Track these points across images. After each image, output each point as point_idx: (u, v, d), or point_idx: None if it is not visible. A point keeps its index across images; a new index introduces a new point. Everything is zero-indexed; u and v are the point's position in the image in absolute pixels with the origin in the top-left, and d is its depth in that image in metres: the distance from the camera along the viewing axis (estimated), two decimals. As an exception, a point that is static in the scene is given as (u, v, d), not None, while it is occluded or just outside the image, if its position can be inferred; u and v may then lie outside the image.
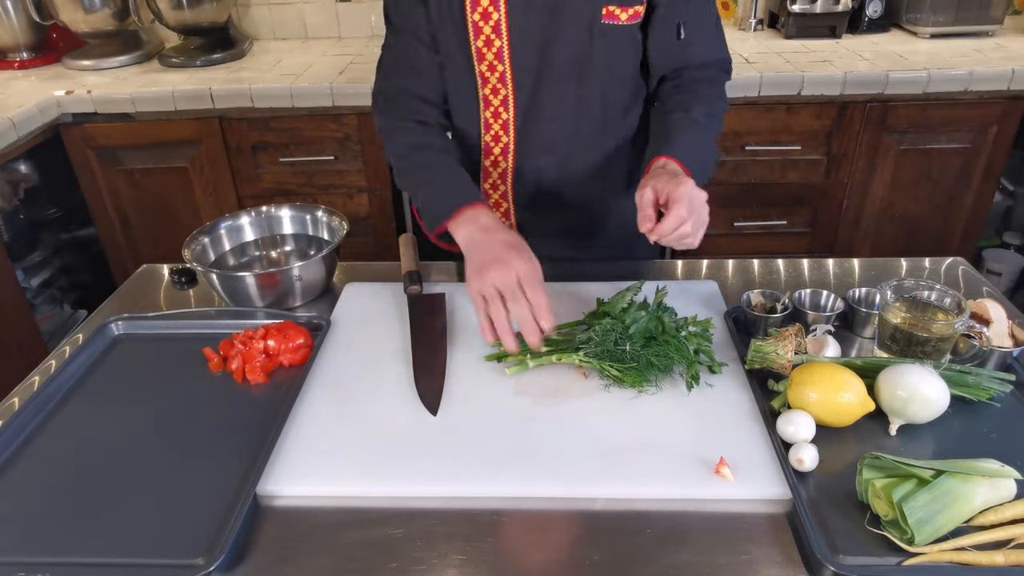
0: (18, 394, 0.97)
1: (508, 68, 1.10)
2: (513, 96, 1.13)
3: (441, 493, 0.79)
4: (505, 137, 1.18)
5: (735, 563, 0.70)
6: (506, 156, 1.20)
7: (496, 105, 1.15)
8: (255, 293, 1.09)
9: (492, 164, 1.22)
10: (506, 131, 1.17)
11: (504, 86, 1.12)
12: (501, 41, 1.08)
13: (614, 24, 1.07)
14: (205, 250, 1.18)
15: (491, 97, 1.15)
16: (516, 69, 1.11)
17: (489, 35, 1.08)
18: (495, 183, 1.24)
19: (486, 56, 1.10)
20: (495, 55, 1.10)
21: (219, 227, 1.22)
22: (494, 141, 1.19)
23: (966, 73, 1.98)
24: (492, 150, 1.20)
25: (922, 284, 0.97)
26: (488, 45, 1.09)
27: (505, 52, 1.09)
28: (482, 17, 1.07)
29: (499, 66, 1.10)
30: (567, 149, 1.19)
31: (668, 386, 0.93)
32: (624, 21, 1.07)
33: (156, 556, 0.72)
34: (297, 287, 1.11)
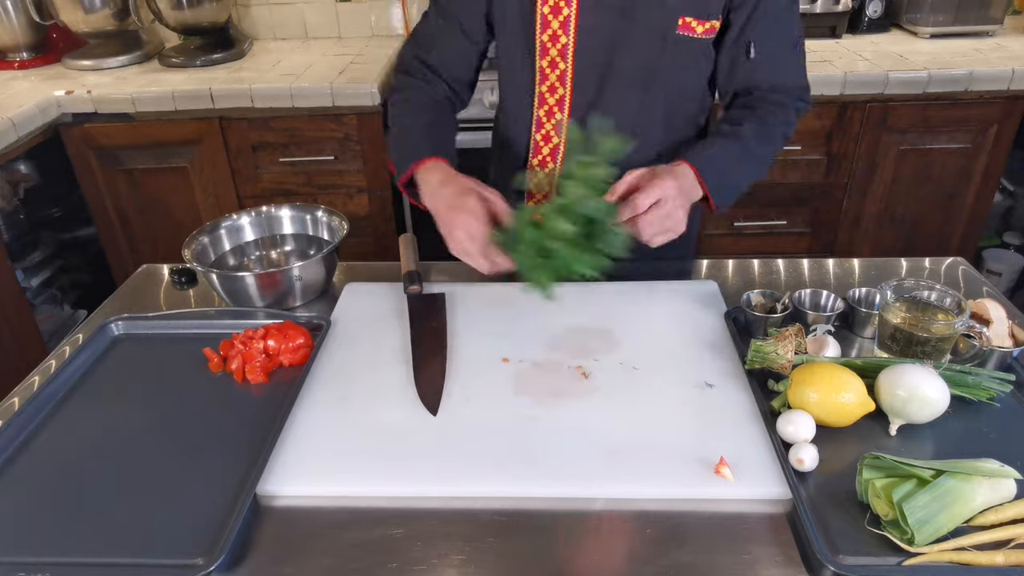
0: (18, 394, 0.97)
1: (570, 67, 1.08)
2: (571, 96, 1.11)
3: (441, 493, 0.79)
4: (556, 138, 1.15)
5: (735, 563, 0.70)
6: (555, 157, 1.17)
7: (551, 104, 1.13)
8: (255, 293, 1.09)
9: (540, 164, 1.20)
10: (558, 132, 1.15)
11: (563, 85, 1.11)
12: (568, 38, 1.06)
13: (689, 36, 1.05)
14: (205, 250, 1.18)
15: (547, 95, 1.13)
16: (579, 68, 1.09)
17: (556, 30, 1.06)
18: (540, 183, 1.21)
19: (549, 51, 1.08)
20: (559, 52, 1.08)
21: (219, 227, 1.22)
22: (544, 141, 1.17)
23: (966, 73, 1.98)
24: (541, 149, 1.18)
25: (922, 284, 0.97)
26: (554, 40, 1.07)
27: (570, 50, 1.07)
28: (552, 11, 1.05)
29: (561, 63, 1.09)
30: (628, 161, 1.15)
31: (668, 386, 0.93)
32: (700, 34, 1.06)
33: (156, 556, 0.72)
34: (297, 287, 1.11)
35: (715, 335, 1.03)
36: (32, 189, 2.21)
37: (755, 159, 1.07)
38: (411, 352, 1.00)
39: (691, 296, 1.12)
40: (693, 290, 1.13)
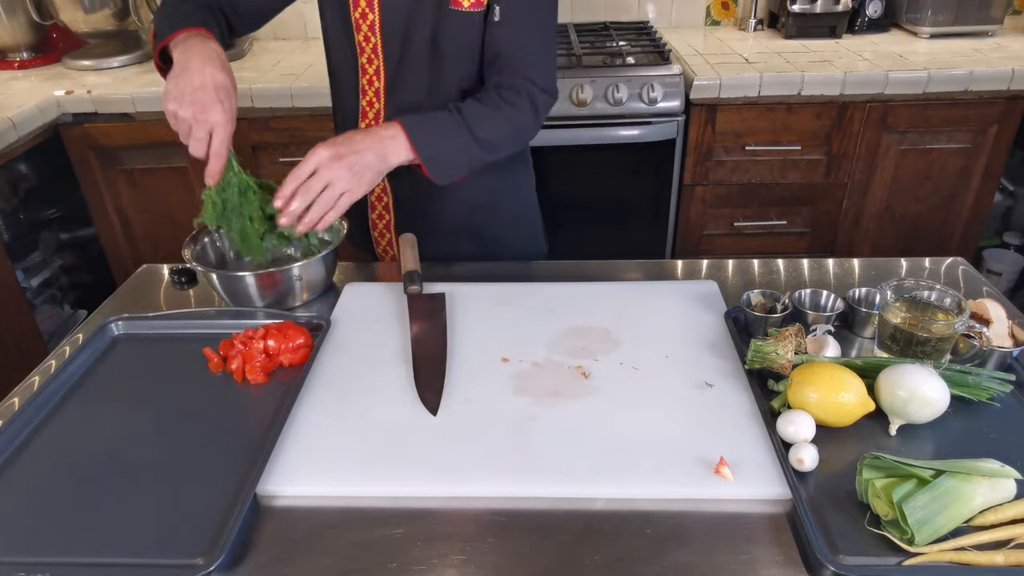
0: (18, 394, 0.97)
1: (379, 40, 1.20)
2: (384, 66, 1.23)
3: (441, 493, 0.79)
4: (377, 103, 1.27)
5: (735, 563, 0.70)
6: (378, 121, 1.28)
7: (371, 73, 1.25)
8: (255, 293, 1.09)
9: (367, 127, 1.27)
10: (378, 98, 1.27)
11: (376, 56, 1.22)
12: (373, 15, 1.18)
13: (458, 10, 1.15)
14: (205, 250, 1.18)
15: (367, 65, 1.24)
16: (386, 42, 1.20)
17: (364, 8, 1.19)
18: None
19: (362, 27, 1.20)
20: (369, 27, 1.20)
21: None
22: (368, 106, 1.28)
23: (966, 73, 1.98)
24: (367, 114, 1.29)
25: (922, 284, 0.97)
26: (364, 17, 1.19)
27: (376, 25, 1.19)
28: None
29: (372, 38, 1.21)
30: None
31: (668, 386, 0.93)
32: (466, 8, 1.15)
33: (156, 556, 0.72)
34: (297, 287, 1.11)
35: (715, 335, 1.03)
36: (32, 189, 2.21)
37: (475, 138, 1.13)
38: (411, 352, 1.00)
39: (691, 296, 1.12)
40: (693, 290, 1.13)
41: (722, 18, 2.58)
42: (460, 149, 1.14)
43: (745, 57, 2.16)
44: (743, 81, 1.98)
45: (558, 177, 2.11)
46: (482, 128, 1.14)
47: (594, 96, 2.02)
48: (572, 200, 2.19)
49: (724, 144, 2.09)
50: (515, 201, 1.41)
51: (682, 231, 2.25)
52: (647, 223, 2.25)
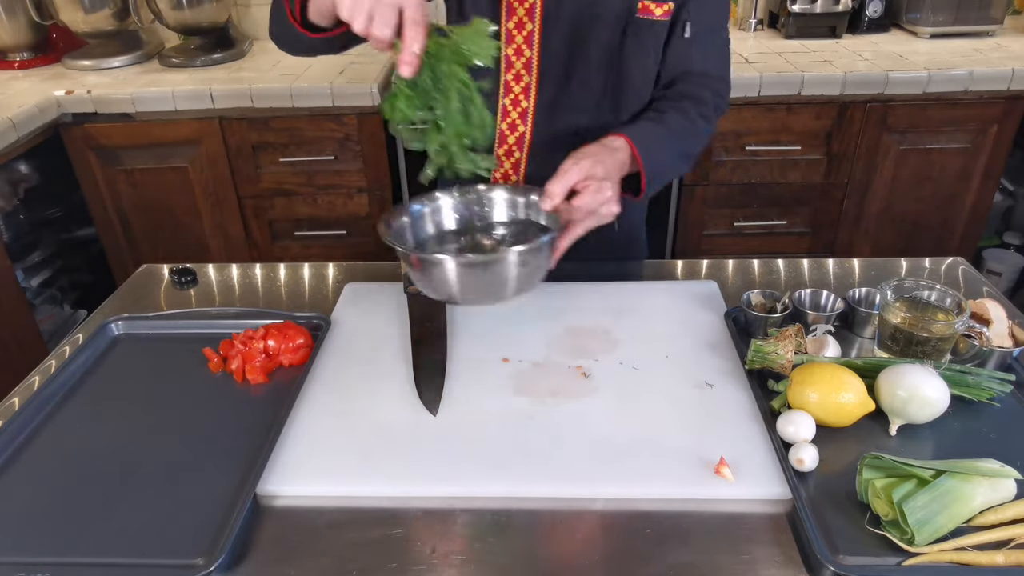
0: (18, 394, 0.97)
1: (536, 54, 1.09)
2: (537, 84, 1.12)
3: (441, 493, 0.79)
4: (522, 127, 1.16)
5: (735, 563, 0.70)
6: (521, 146, 1.18)
7: (517, 92, 1.13)
8: (477, 281, 0.90)
9: (506, 153, 1.19)
10: (524, 120, 1.15)
11: (528, 73, 1.11)
12: (533, 25, 1.06)
13: (649, 19, 1.07)
14: (403, 231, 1.01)
15: (512, 83, 1.13)
16: (545, 56, 1.09)
17: (522, 17, 1.06)
18: (507, 172, 1.21)
19: (515, 39, 1.08)
20: (524, 39, 1.08)
21: (420, 208, 1.04)
22: (510, 130, 1.17)
23: (966, 73, 1.98)
24: (507, 138, 1.18)
25: (922, 284, 0.97)
26: (519, 27, 1.07)
27: (536, 36, 1.07)
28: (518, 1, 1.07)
29: (527, 51, 1.09)
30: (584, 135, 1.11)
31: (668, 386, 0.93)
32: (658, 16, 1.07)
33: (156, 556, 0.72)
34: (519, 275, 0.91)
35: (715, 335, 1.03)
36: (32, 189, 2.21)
37: (679, 149, 1.08)
38: (411, 352, 1.00)
39: (691, 296, 1.12)
40: (693, 290, 1.13)
41: (722, 18, 2.58)
42: (671, 163, 1.07)
43: (745, 57, 2.16)
44: (743, 81, 1.98)
45: (558, 177, 2.10)
46: (687, 144, 1.09)
47: (594, 96, 2.02)
48: (572, 200, 2.19)
49: (724, 144, 2.09)
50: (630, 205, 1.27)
51: (682, 231, 2.25)
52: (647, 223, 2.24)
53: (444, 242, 1.04)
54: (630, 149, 0.99)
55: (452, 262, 0.88)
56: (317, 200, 2.17)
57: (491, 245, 1.02)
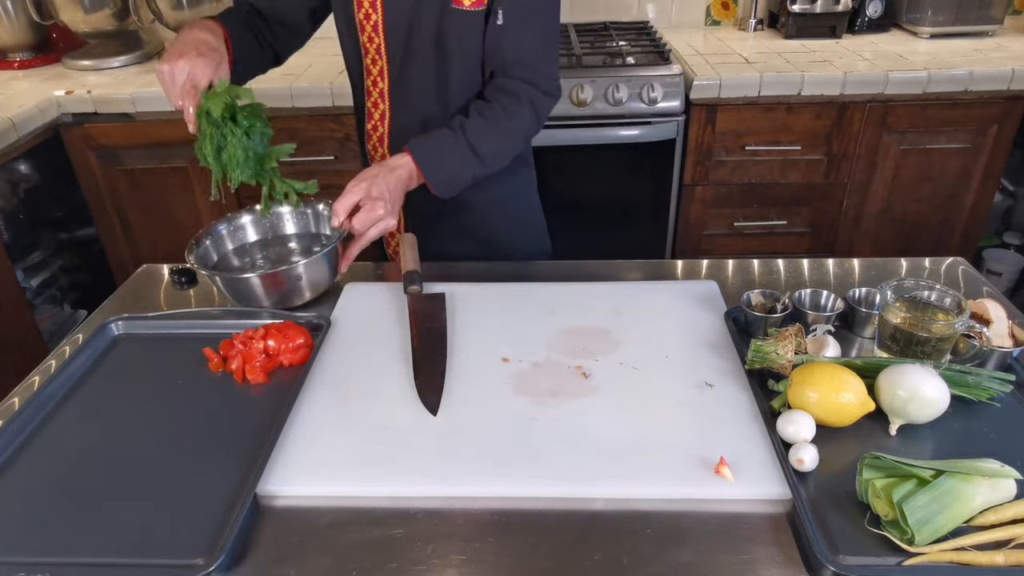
0: (18, 394, 0.97)
1: (383, 40, 1.21)
2: (387, 67, 1.23)
3: (441, 493, 0.79)
4: (382, 104, 1.28)
5: (735, 563, 0.70)
6: (383, 122, 1.30)
7: (375, 74, 1.26)
8: (260, 293, 1.09)
9: (372, 128, 1.33)
10: (383, 99, 1.28)
11: (380, 57, 1.23)
12: (377, 15, 1.19)
13: (460, 9, 1.16)
14: (208, 252, 1.18)
15: (371, 66, 1.26)
16: (389, 42, 1.21)
17: (368, 8, 1.19)
18: (375, 145, 1.35)
19: (366, 28, 1.21)
20: (372, 27, 1.20)
21: (220, 228, 1.22)
22: (374, 107, 1.30)
23: (966, 73, 1.98)
24: (372, 115, 1.31)
25: (922, 284, 0.97)
26: (367, 18, 1.20)
27: (380, 25, 1.19)
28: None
29: (376, 38, 1.21)
30: (431, 122, 1.26)
31: (668, 386, 0.93)
32: (468, 7, 1.16)
33: (156, 556, 0.72)
34: (302, 285, 1.10)
35: (715, 335, 1.03)
36: (32, 189, 2.21)
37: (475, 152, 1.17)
38: (411, 352, 1.00)
39: (691, 296, 1.12)
40: (693, 290, 1.13)
41: (722, 18, 2.59)
42: (462, 168, 1.17)
43: (745, 57, 2.16)
44: (743, 81, 1.98)
45: (558, 177, 2.10)
46: (484, 144, 1.17)
47: (594, 96, 2.03)
48: (572, 200, 2.19)
49: (724, 144, 2.09)
50: (520, 202, 1.42)
51: (682, 231, 2.25)
52: (647, 223, 2.25)
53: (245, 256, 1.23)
54: (412, 164, 1.14)
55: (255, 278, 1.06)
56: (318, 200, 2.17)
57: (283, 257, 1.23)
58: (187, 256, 1.13)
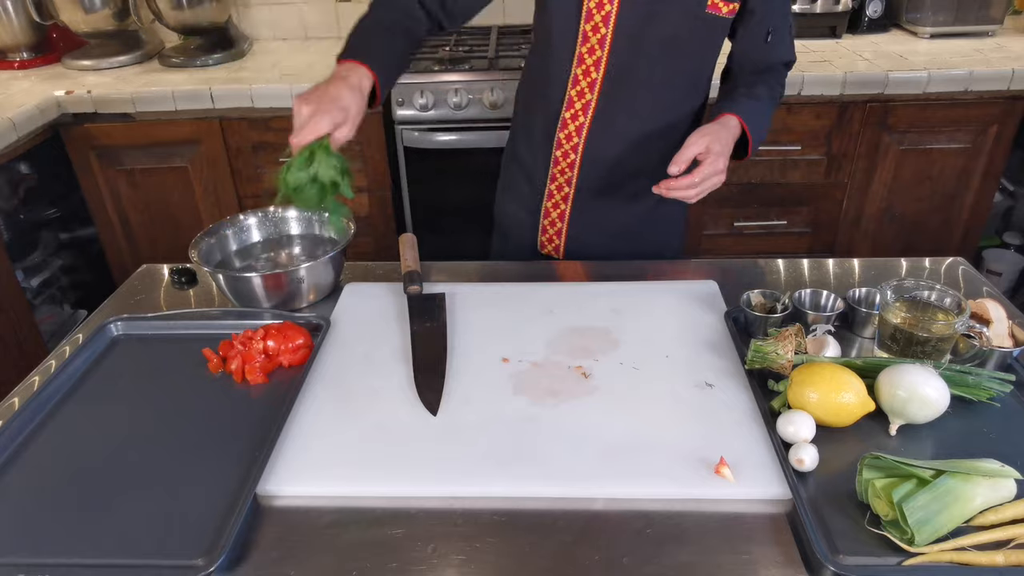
0: (18, 394, 0.97)
1: (610, 32, 1.17)
2: (607, 59, 1.20)
3: (441, 493, 0.79)
4: (590, 95, 1.24)
5: (735, 563, 0.70)
6: (586, 112, 1.26)
7: (589, 64, 1.22)
8: (261, 294, 1.09)
9: (572, 117, 1.28)
10: (591, 90, 1.24)
11: (601, 48, 1.19)
12: (611, 6, 1.15)
13: (715, 15, 1.16)
14: (211, 250, 1.18)
15: (586, 55, 1.21)
16: (617, 35, 1.18)
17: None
18: (570, 134, 1.29)
19: (594, 16, 1.17)
20: (602, 18, 1.17)
21: (225, 228, 1.21)
22: (578, 96, 1.25)
23: (966, 73, 1.98)
24: (574, 103, 1.26)
25: (922, 284, 0.97)
26: (599, 7, 1.16)
27: (612, 17, 1.16)
28: None
29: (603, 29, 1.18)
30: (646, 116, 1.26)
31: (668, 386, 0.93)
32: (724, 14, 1.17)
33: (156, 557, 0.72)
34: (303, 288, 1.11)
35: (715, 335, 1.03)
36: (32, 189, 2.21)
37: (768, 113, 1.24)
38: (411, 352, 1.00)
39: (691, 296, 1.12)
40: (693, 290, 1.13)
41: (722, 18, 2.58)
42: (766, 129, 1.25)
43: (745, 57, 2.16)
44: (743, 81, 1.98)
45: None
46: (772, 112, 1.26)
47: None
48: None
49: None
50: None
51: (682, 231, 2.25)
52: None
53: (248, 257, 1.23)
54: (741, 127, 1.18)
55: (257, 278, 1.07)
56: (317, 200, 2.17)
57: (286, 259, 1.23)
58: (190, 253, 1.13)
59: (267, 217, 1.25)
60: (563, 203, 1.34)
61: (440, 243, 2.20)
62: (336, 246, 1.16)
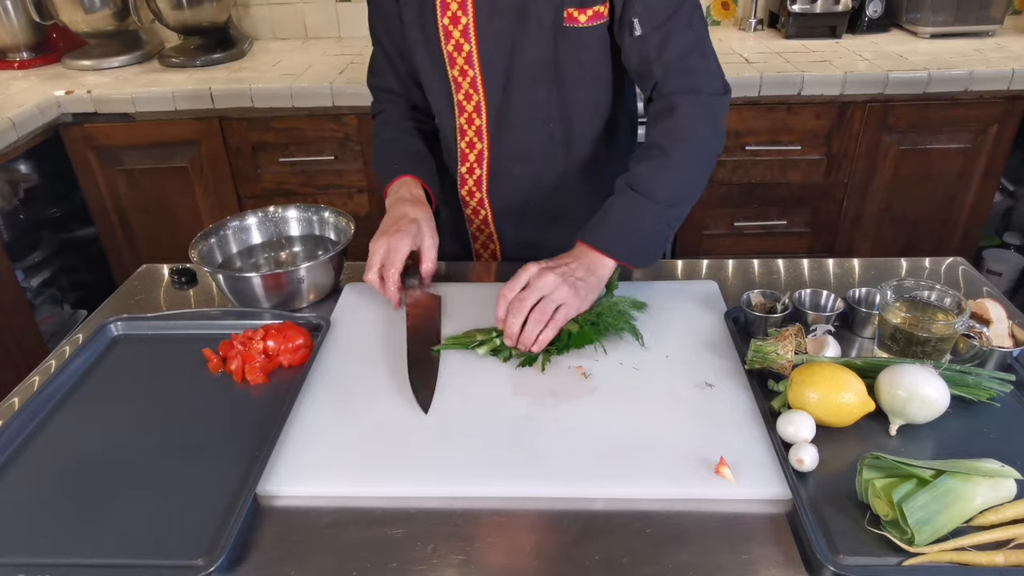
0: (18, 394, 0.97)
1: (478, 72, 1.10)
2: (484, 101, 1.13)
3: (441, 493, 0.79)
4: (479, 144, 1.18)
5: (735, 563, 0.70)
6: (480, 163, 1.20)
7: (470, 111, 1.16)
8: (261, 294, 1.08)
9: (468, 171, 1.23)
10: (480, 137, 1.17)
11: (476, 91, 1.13)
12: (470, 45, 1.08)
13: (575, 27, 1.05)
14: (211, 251, 1.18)
15: (464, 103, 1.15)
16: (486, 73, 1.10)
17: (459, 39, 1.08)
18: (471, 190, 1.25)
19: (457, 60, 1.11)
20: (465, 59, 1.10)
21: (226, 228, 1.21)
22: (469, 147, 1.20)
23: (966, 73, 1.98)
24: (467, 156, 1.21)
25: (922, 284, 0.97)
26: (458, 49, 1.09)
27: (475, 56, 1.09)
28: (451, 21, 1.07)
29: (469, 71, 1.11)
30: (540, 156, 1.18)
31: (668, 386, 0.93)
32: (584, 23, 1.05)
33: (156, 557, 0.72)
34: (303, 288, 1.11)
35: (715, 335, 1.03)
36: (32, 189, 2.21)
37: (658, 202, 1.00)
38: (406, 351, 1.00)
39: (691, 296, 1.12)
40: (693, 290, 1.13)
41: (722, 18, 2.58)
42: (651, 225, 1.01)
43: (745, 57, 2.16)
44: (743, 81, 1.98)
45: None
46: (661, 187, 1.00)
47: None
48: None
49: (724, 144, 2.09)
50: None
51: (682, 231, 2.25)
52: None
53: (248, 257, 1.23)
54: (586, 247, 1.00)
55: (257, 278, 1.07)
56: (317, 200, 2.17)
57: (286, 259, 1.23)
58: (190, 253, 1.13)
59: (267, 217, 1.25)
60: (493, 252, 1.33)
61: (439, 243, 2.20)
62: (336, 246, 1.16)
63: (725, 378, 0.94)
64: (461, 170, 1.23)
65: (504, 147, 1.17)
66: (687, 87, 1.03)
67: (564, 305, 0.95)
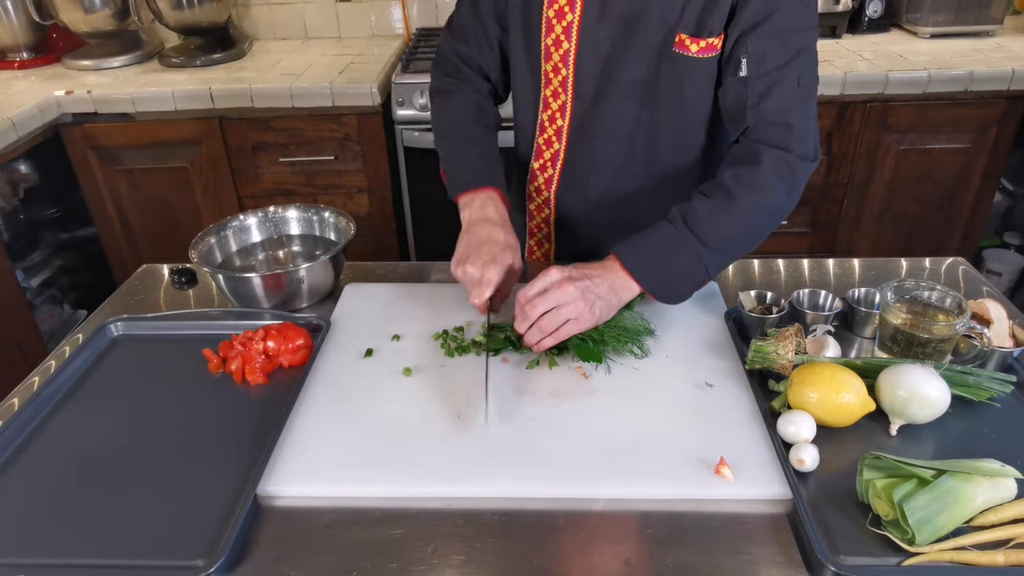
0: (18, 394, 0.96)
1: (571, 73, 1.06)
2: (572, 104, 1.09)
3: (441, 493, 0.79)
4: (557, 143, 1.14)
5: (735, 563, 0.70)
6: (555, 163, 1.17)
7: (554, 109, 1.12)
8: (261, 294, 1.08)
9: (540, 168, 1.19)
10: (559, 138, 1.14)
11: (564, 92, 1.09)
12: (569, 44, 1.04)
13: (684, 54, 1.00)
14: (211, 251, 1.18)
15: (551, 100, 1.11)
16: (578, 76, 1.07)
17: (559, 35, 1.04)
18: (540, 187, 1.21)
19: (552, 56, 1.07)
20: (561, 57, 1.06)
21: (226, 228, 1.21)
22: (546, 145, 1.16)
23: (966, 73, 1.98)
24: (543, 153, 1.17)
25: (922, 285, 0.97)
26: (557, 45, 1.05)
27: (571, 56, 1.05)
28: (556, 15, 1.04)
29: (563, 70, 1.07)
30: (618, 170, 1.14)
31: (668, 386, 0.93)
32: (694, 53, 0.99)
33: (156, 557, 0.72)
34: (304, 288, 1.11)
35: (715, 335, 1.03)
36: (32, 189, 2.21)
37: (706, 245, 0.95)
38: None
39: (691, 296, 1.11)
40: (693, 290, 1.13)
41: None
42: (689, 265, 0.95)
43: (745, 57, 2.16)
44: (743, 81, 1.98)
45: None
46: (715, 230, 0.95)
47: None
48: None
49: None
50: None
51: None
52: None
53: (248, 257, 1.22)
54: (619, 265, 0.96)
55: (257, 278, 1.07)
56: (317, 200, 2.17)
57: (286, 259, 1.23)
58: (190, 253, 1.13)
59: (267, 217, 1.24)
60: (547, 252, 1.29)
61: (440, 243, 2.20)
62: (336, 246, 1.16)
63: (725, 378, 0.94)
64: (534, 165, 1.19)
65: (582, 153, 1.13)
66: (777, 142, 0.96)
67: (574, 320, 0.92)
